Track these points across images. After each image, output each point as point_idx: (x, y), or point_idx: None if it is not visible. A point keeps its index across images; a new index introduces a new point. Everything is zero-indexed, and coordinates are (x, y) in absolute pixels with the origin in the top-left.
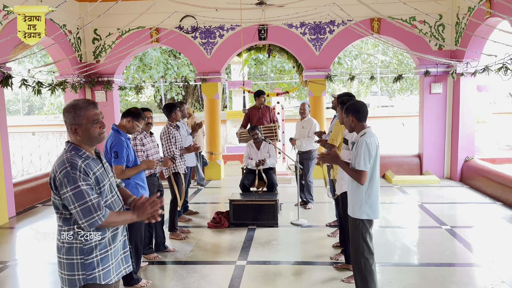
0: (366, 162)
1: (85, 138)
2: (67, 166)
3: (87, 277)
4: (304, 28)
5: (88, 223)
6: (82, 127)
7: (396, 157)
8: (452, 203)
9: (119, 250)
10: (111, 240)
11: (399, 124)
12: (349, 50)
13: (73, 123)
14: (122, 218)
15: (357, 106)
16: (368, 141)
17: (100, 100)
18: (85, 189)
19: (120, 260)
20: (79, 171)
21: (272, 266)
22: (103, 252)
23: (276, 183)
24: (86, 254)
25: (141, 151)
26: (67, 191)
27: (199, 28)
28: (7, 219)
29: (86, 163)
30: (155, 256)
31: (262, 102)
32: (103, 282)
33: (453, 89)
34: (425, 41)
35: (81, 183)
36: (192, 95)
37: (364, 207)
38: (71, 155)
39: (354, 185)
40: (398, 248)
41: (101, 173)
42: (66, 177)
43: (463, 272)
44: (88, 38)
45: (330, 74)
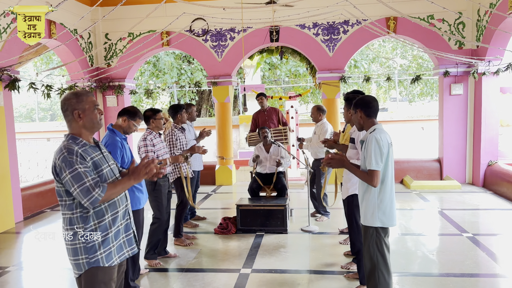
0: (378, 160)
1: (88, 123)
2: (64, 152)
3: (90, 260)
4: (317, 29)
5: (90, 202)
6: (85, 112)
7: (414, 161)
8: (474, 210)
9: (120, 233)
10: (111, 223)
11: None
12: (366, 53)
13: (76, 108)
14: (120, 187)
15: (366, 100)
16: (378, 137)
17: (112, 105)
18: (82, 171)
19: (122, 242)
20: (76, 156)
21: (278, 274)
22: (104, 235)
23: (286, 187)
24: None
25: (152, 151)
26: (66, 175)
27: (209, 31)
28: (13, 224)
29: (83, 149)
30: (156, 263)
31: (262, 104)
32: (106, 264)
33: (475, 90)
34: (444, 40)
35: (78, 165)
36: (206, 100)
37: (377, 213)
38: (68, 143)
39: (364, 189)
40: (416, 257)
41: (100, 159)
42: (64, 162)
43: (486, 283)
44: (99, 43)
45: (344, 76)
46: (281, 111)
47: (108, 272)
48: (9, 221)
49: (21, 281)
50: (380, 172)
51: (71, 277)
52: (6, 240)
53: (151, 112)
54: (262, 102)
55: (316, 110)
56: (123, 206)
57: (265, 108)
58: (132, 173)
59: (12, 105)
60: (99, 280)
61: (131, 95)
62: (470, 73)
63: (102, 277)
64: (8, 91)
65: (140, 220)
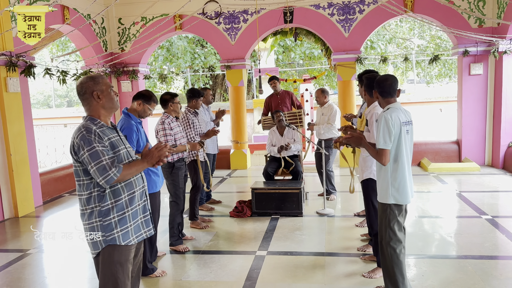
0: (386, 139)
1: (107, 103)
2: (83, 130)
3: (106, 238)
4: (332, 9)
5: (105, 180)
6: (104, 93)
7: (432, 144)
8: (493, 192)
9: (138, 213)
10: (128, 203)
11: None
12: (382, 33)
13: (95, 89)
14: (134, 168)
15: (380, 80)
16: (388, 116)
17: (126, 90)
18: (100, 150)
19: (140, 223)
20: (94, 134)
21: (293, 257)
22: (121, 214)
23: (301, 171)
24: (104, 216)
25: (170, 135)
26: (84, 153)
27: (222, 13)
28: (33, 208)
29: (101, 129)
30: (184, 248)
31: (275, 88)
32: (122, 242)
33: (495, 70)
34: (464, 18)
35: (96, 144)
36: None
37: (390, 191)
38: (86, 123)
39: (378, 167)
40: (434, 239)
41: (117, 140)
42: (82, 140)
43: (506, 265)
44: (112, 28)
45: (360, 57)
46: (294, 94)
47: (124, 252)
48: (29, 206)
49: (42, 263)
50: (388, 151)
51: (90, 259)
52: (27, 223)
53: (169, 96)
54: (275, 86)
55: (321, 93)
56: (140, 187)
57: (278, 92)
58: (145, 156)
59: (28, 91)
60: (115, 260)
61: (145, 80)
62: (491, 52)
63: (118, 257)
64: (24, 77)
65: (157, 203)
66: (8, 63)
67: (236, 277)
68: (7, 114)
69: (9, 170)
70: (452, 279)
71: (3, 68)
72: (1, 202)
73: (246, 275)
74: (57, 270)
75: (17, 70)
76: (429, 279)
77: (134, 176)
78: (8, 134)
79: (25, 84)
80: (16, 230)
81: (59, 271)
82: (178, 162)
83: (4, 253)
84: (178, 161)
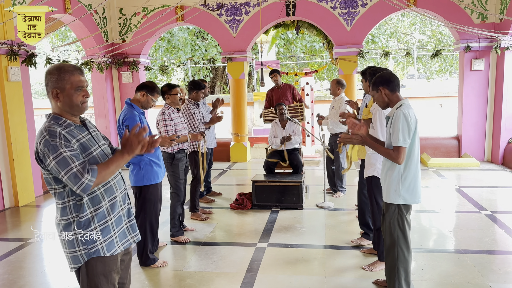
0: (405, 137)
1: (66, 105)
2: (45, 135)
3: (89, 251)
4: (335, 2)
5: (81, 189)
6: (64, 92)
7: (432, 139)
8: (492, 187)
9: (122, 219)
10: (110, 209)
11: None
12: (384, 27)
13: (55, 86)
14: (113, 165)
15: (387, 76)
16: (406, 112)
17: (127, 81)
18: (68, 156)
19: (126, 229)
20: (59, 138)
21: (294, 249)
22: (103, 223)
23: (302, 164)
24: (83, 227)
25: (170, 125)
26: (51, 161)
27: (224, 5)
28: (33, 198)
29: (67, 130)
30: (185, 239)
31: (276, 81)
32: (107, 253)
33: (497, 65)
34: (466, 13)
35: (63, 149)
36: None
37: (400, 191)
38: (49, 124)
39: (388, 166)
40: (433, 234)
41: (88, 140)
42: (47, 146)
43: (504, 260)
44: (113, 18)
45: (362, 51)
46: (295, 88)
47: (108, 263)
48: (29, 195)
49: (42, 252)
50: (406, 149)
51: None
52: (27, 213)
53: (166, 88)
54: (276, 80)
55: (335, 84)
56: (121, 190)
57: (279, 85)
58: (124, 146)
59: (29, 80)
60: (98, 272)
61: (146, 71)
62: (493, 47)
63: (102, 269)
64: (25, 67)
65: (159, 194)
66: (9, 52)
67: (237, 268)
68: (8, 103)
69: (9, 159)
70: (451, 273)
71: (5, 57)
72: (2, 192)
73: (247, 267)
74: (57, 259)
75: (18, 59)
76: (428, 273)
77: (114, 179)
78: (9, 123)
79: (26, 73)
80: (16, 219)
81: (60, 260)
82: (179, 153)
83: (5, 242)
84: (178, 152)
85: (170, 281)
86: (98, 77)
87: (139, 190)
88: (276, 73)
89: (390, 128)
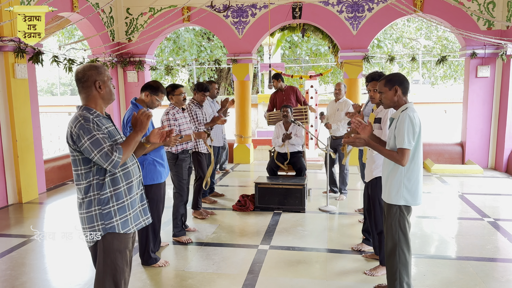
0: (410, 139)
1: (107, 93)
2: (81, 119)
3: (106, 226)
4: (341, 6)
5: (112, 165)
6: (105, 84)
7: (436, 145)
8: (496, 195)
9: (136, 202)
10: (127, 192)
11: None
12: (389, 32)
13: (97, 79)
14: (132, 142)
15: (402, 78)
16: (412, 115)
17: (132, 80)
18: (101, 137)
19: (139, 211)
20: (92, 123)
21: (296, 252)
22: (120, 203)
23: (305, 168)
24: (103, 204)
25: (174, 125)
26: (85, 141)
27: (231, 7)
28: (37, 195)
29: (97, 118)
30: (187, 239)
31: (278, 85)
32: (122, 231)
33: (502, 73)
34: (473, 20)
35: (96, 132)
36: (225, 79)
37: (402, 192)
38: (82, 112)
39: (391, 167)
40: (435, 240)
41: (113, 129)
42: (82, 129)
43: (506, 268)
44: (120, 17)
45: (367, 55)
46: (299, 90)
47: (123, 240)
48: (32, 192)
49: (44, 249)
50: (410, 151)
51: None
52: (30, 210)
53: (170, 88)
54: (276, 85)
55: (343, 87)
56: (137, 176)
57: (282, 88)
58: (135, 126)
59: (35, 78)
60: (114, 248)
61: (151, 71)
62: (499, 55)
63: (118, 245)
64: (32, 64)
65: (162, 194)
66: (16, 49)
67: (238, 270)
68: (14, 100)
69: (14, 156)
70: (453, 279)
71: (12, 54)
72: (5, 188)
73: (248, 268)
74: (59, 256)
75: (25, 57)
76: (429, 279)
77: (131, 166)
78: (15, 120)
79: (33, 70)
80: (19, 216)
81: (62, 256)
82: (182, 153)
83: (8, 238)
84: (182, 152)
85: (171, 281)
86: None
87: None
88: (275, 79)
89: (394, 130)
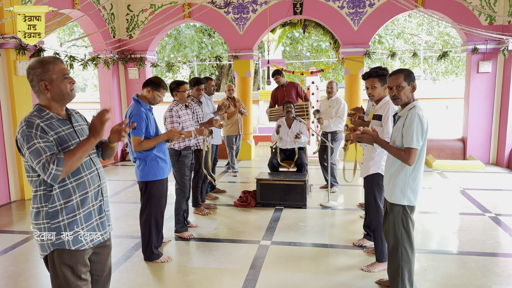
0: (418, 139)
1: (56, 95)
2: (23, 125)
3: (54, 242)
4: (342, 1)
5: (50, 178)
6: (53, 83)
7: (437, 140)
8: (497, 190)
9: (92, 215)
10: (80, 204)
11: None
12: (390, 28)
13: (42, 79)
14: (80, 151)
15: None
16: (421, 114)
17: (133, 77)
18: (41, 147)
19: (96, 225)
20: (35, 129)
21: (297, 247)
22: (71, 217)
23: (306, 164)
24: (51, 218)
25: (176, 122)
26: (25, 151)
27: (231, 3)
28: None
29: (47, 123)
30: (189, 235)
31: (279, 82)
32: (73, 247)
33: (504, 68)
34: (474, 15)
35: (37, 140)
36: (226, 75)
37: (407, 192)
38: (30, 115)
39: (396, 166)
40: (436, 235)
41: (68, 134)
42: (23, 136)
43: (507, 263)
44: (121, 14)
45: (368, 51)
46: (300, 85)
47: (75, 255)
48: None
49: None
50: (418, 150)
51: None
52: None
53: (174, 85)
54: (279, 81)
55: (335, 85)
56: (95, 186)
57: (283, 84)
58: (90, 131)
59: None
60: (64, 262)
61: (152, 68)
62: (500, 50)
63: (68, 260)
64: None
65: (164, 190)
66: (18, 47)
67: (240, 265)
68: (15, 97)
69: (16, 152)
70: (454, 274)
71: (13, 51)
72: (8, 185)
73: (250, 264)
74: None
75: (26, 54)
76: (431, 274)
77: (89, 174)
78: (16, 116)
79: None
80: (22, 212)
81: None
82: (185, 150)
83: (11, 234)
84: (184, 149)
85: (174, 276)
86: (105, 72)
87: (144, 185)
88: (278, 75)
89: (402, 128)
